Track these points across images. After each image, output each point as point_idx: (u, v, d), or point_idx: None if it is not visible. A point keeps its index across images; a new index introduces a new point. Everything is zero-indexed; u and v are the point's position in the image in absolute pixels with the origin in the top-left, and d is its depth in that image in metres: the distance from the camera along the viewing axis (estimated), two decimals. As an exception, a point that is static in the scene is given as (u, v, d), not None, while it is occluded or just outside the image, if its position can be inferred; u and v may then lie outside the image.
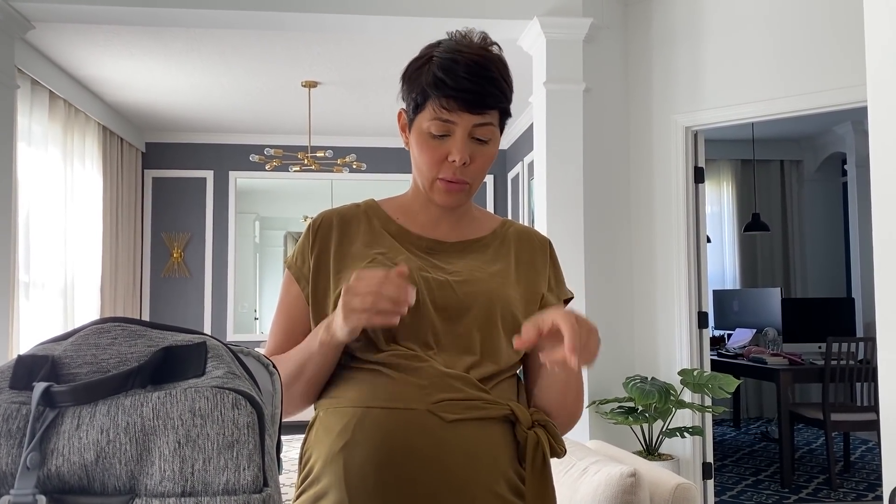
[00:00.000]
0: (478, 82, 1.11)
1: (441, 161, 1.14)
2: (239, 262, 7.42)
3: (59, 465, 0.65)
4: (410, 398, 1.07)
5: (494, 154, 1.18)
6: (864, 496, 4.65)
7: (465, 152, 1.13)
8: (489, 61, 1.14)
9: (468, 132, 1.13)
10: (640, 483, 1.41)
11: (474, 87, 1.11)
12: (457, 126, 1.13)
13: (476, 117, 1.12)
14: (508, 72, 1.18)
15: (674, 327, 3.84)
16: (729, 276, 7.62)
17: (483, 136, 1.14)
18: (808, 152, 7.64)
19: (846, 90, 3.39)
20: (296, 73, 5.25)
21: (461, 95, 1.11)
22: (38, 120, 4.85)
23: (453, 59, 1.12)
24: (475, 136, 1.14)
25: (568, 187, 3.79)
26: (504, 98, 1.15)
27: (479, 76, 1.11)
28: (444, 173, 1.15)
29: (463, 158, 1.13)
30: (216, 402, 0.67)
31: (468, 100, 1.11)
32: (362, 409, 1.08)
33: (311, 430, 1.15)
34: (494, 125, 1.15)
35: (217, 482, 0.65)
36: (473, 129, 1.13)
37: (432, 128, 1.14)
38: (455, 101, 1.11)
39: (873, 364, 4.76)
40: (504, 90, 1.15)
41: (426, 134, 1.15)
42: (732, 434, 6.67)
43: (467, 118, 1.12)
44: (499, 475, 1.07)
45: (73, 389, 0.66)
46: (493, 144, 1.17)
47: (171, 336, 0.74)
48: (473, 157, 1.14)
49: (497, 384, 1.13)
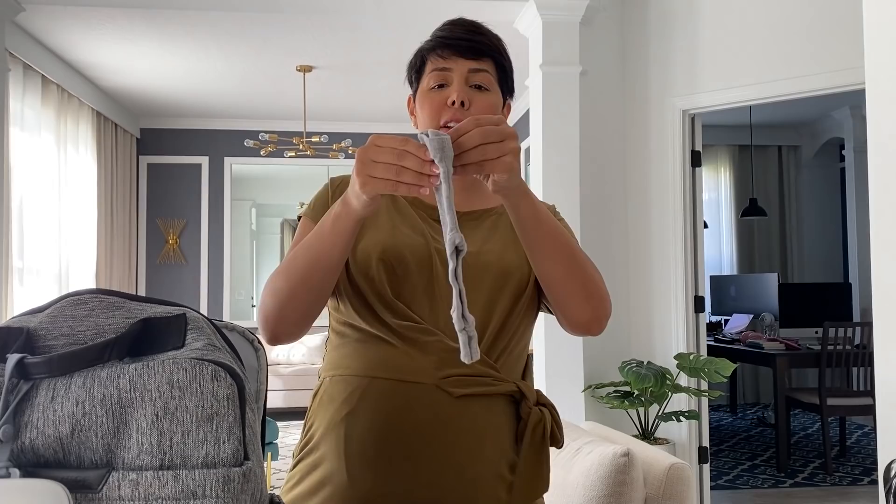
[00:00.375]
0: (471, 34, 1.18)
1: (442, 107, 1.15)
2: (235, 249, 7.40)
3: (33, 438, 0.63)
4: (418, 372, 1.05)
5: (496, 104, 1.18)
6: (859, 480, 4.66)
7: (463, 93, 1.14)
8: (480, 25, 1.21)
9: (465, 78, 1.16)
10: (633, 463, 1.40)
11: (467, 36, 1.17)
12: (453, 73, 1.16)
13: (471, 62, 1.16)
14: (503, 42, 1.22)
15: (670, 312, 3.83)
16: (726, 261, 7.61)
17: (480, 81, 1.16)
18: (806, 138, 7.61)
19: (844, 72, 3.37)
20: (291, 58, 5.21)
21: (455, 42, 1.16)
22: (31, 105, 4.81)
23: (448, 26, 1.20)
24: (473, 84, 1.16)
25: (564, 170, 3.77)
26: (499, 52, 1.19)
27: (470, 30, 1.18)
28: (446, 117, 1.15)
29: (461, 97, 1.14)
30: (195, 373, 0.65)
31: (462, 46, 1.16)
32: (368, 379, 1.07)
33: (316, 398, 1.14)
34: (491, 74, 1.18)
35: (196, 455, 0.64)
36: (470, 76, 1.16)
37: (431, 80, 1.17)
38: (449, 49, 1.16)
39: (870, 349, 4.75)
40: (497, 46, 1.19)
41: (427, 90, 1.18)
42: (729, 419, 6.68)
43: (462, 63, 1.16)
44: (502, 456, 1.07)
45: (47, 361, 0.64)
46: (493, 94, 1.18)
47: (149, 308, 0.72)
48: (473, 101, 1.15)
49: (506, 359, 1.12)
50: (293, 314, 1.04)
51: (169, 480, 0.63)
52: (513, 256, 1.14)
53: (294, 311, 1.04)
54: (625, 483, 1.40)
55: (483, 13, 3.91)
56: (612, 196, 3.95)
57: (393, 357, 1.07)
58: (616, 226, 3.95)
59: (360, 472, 1.03)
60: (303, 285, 1.03)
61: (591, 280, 1.08)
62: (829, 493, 4.42)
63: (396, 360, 1.07)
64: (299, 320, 1.05)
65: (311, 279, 1.03)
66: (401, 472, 1.02)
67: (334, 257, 1.02)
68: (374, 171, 0.91)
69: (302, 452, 1.11)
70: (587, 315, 1.09)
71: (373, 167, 0.91)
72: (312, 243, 1.03)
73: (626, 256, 3.95)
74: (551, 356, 3.64)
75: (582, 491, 1.43)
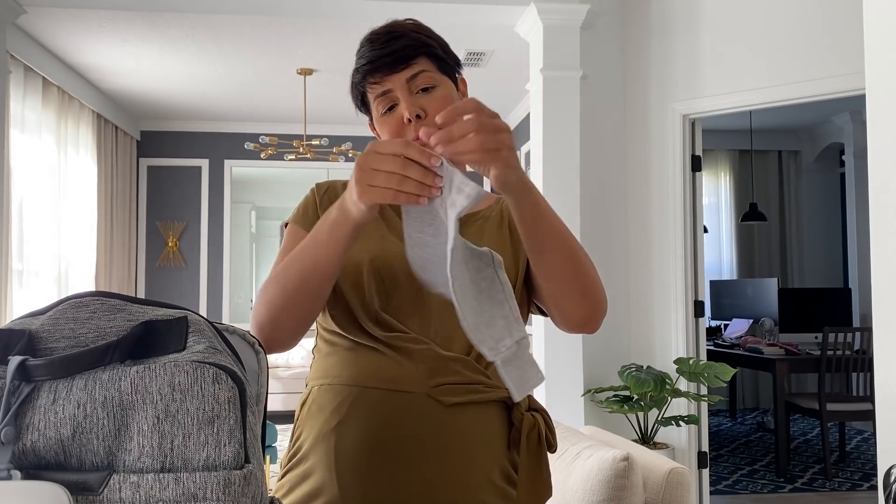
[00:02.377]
0: (386, 45, 1.11)
1: (401, 128, 1.11)
2: (235, 252, 7.40)
3: (34, 441, 0.63)
4: (409, 381, 1.04)
5: (449, 94, 1.13)
6: (859, 486, 4.65)
7: (413, 106, 1.09)
8: (394, 26, 1.14)
9: (406, 89, 1.10)
10: (632, 467, 1.39)
11: (386, 51, 1.10)
12: (394, 90, 1.11)
13: (404, 72, 1.10)
14: (423, 27, 1.16)
15: (670, 316, 3.83)
16: (726, 266, 7.62)
17: (424, 84, 1.11)
18: (807, 143, 7.62)
19: (844, 78, 3.37)
20: (291, 61, 5.22)
21: (378, 63, 1.10)
22: (32, 107, 4.82)
23: (361, 47, 1.14)
24: (417, 89, 1.11)
25: (564, 175, 3.77)
26: (424, 45, 1.12)
27: (387, 41, 1.11)
28: (411, 136, 1.10)
29: (412, 111, 1.09)
30: (196, 376, 0.65)
31: (387, 62, 1.10)
32: (358, 389, 1.06)
33: (304, 407, 1.12)
34: (430, 71, 1.12)
35: (197, 458, 0.64)
36: (409, 84, 1.10)
37: (379, 107, 1.12)
38: (378, 72, 1.10)
39: (869, 354, 4.76)
40: (419, 39, 1.12)
41: (380, 118, 1.14)
42: (728, 424, 6.67)
43: (396, 77, 1.10)
44: (494, 463, 1.06)
45: (49, 363, 0.64)
46: (441, 87, 1.12)
47: (151, 311, 0.72)
48: (426, 106, 1.10)
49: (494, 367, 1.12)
50: (289, 322, 1.02)
51: (170, 483, 0.63)
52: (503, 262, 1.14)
53: (290, 320, 1.02)
54: (624, 487, 1.39)
55: (483, 17, 3.92)
56: (612, 200, 3.95)
57: (383, 366, 1.06)
58: (616, 230, 3.95)
59: (351, 483, 1.02)
60: (298, 293, 1.01)
61: (590, 278, 1.06)
62: (829, 499, 4.42)
63: (387, 369, 1.05)
64: (294, 329, 1.03)
65: (307, 286, 1.00)
66: (392, 483, 1.01)
67: (332, 264, 0.99)
68: (374, 180, 0.88)
69: (291, 462, 1.09)
70: (583, 312, 1.07)
71: (373, 176, 0.88)
72: (308, 250, 1.00)
73: (626, 260, 3.95)
74: (551, 360, 3.64)
75: (581, 495, 1.43)
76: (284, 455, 1.13)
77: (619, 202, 3.96)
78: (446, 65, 1.14)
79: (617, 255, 3.93)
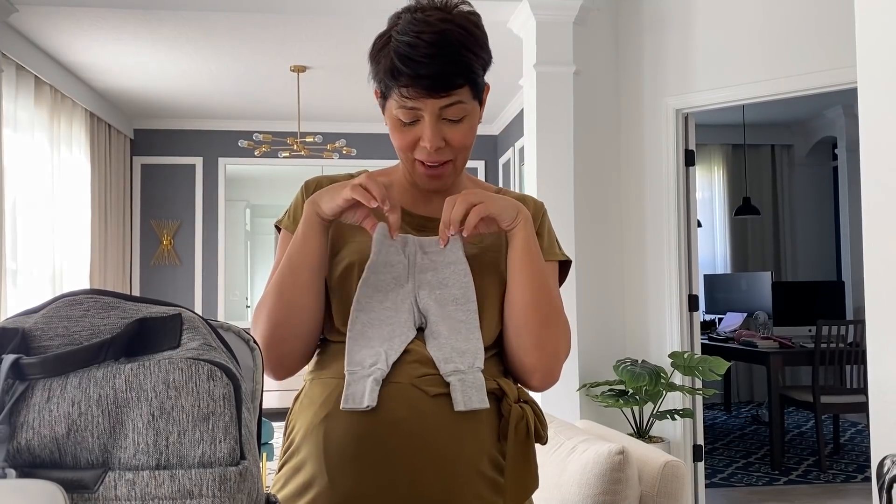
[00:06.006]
0: (437, 64, 1.05)
1: (414, 145, 1.12)
2: (229, 250, 7.39)
3: (29, 439, 0.63)
4: (393, 372, 1.05)
5: (473, 127, 1.13)
6: (853, 477, 4.68)
7: (437, 137, 1.09)
8: (448, 35, 1.06)
9: (436, 116, 1.09)
10: (628, 461, 1.40)
11: (433, 72, 1.05)
12: (423, 111, 1.09)
13: (441, 100, 1.07)
14: (476, 38, 1.10)
15: (664, 310, 3.84)
16: (720, 260, 7.64)
17: (454, 115, 1.10)
18: (799, 137, 7.64)
19: (836, 71, 3.38)
20: (284, 58, 5.21)
21: (420, 82, 1.05)
22: (24, 105, 4.80)
23: (409, 44, 1.05)
24: (445, 118, 1.10)
25: (558, 170, 3.78)
26: (470, 70, 1.08)
27: (438, 56, 1.05)
28: (420, 156, 1.12)
29: (434, 144, 1.09)
30: (191, 373, 0.65)
31: (428, 85, 1.06)
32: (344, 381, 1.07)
33: (297, 401, 1.14)
34: (465, 101, 1.10)
35: (192, 455, 0.64)
36: (442, 112, 1.09)
37: (400, 115, 1.10)
38: (415, 89, 1.06)
39: (863, 347, 4.77)
40: (469, 63, 1.08)
41: (396, 121, 1.12)
42: (723, 418, 6.70)
43: (432, 103, 1.07)
44: (483, 453, 1.06)
45: (42, 361, 0.64)
46: (470, 118, 1.12)
47: (145, 308, 0.72)
48: (449, 138, 1.10)
49: (485, 360, 1.12)
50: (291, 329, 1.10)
51: (165, 480, 0.63)
52: (493, 262, 1.17)
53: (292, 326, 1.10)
54: (620, 481, 1.40)
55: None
56: (605, 195, 3.95)
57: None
58: (610, 225, 3.96)
59: (339, 473, 1.03)
60: (292, 288, 1.09)
61: (553, 332, 1.12)
62: (824, 491, 4.44)
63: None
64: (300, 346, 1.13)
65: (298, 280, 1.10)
66: (380, 471, 1.02)
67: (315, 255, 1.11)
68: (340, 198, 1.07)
69: (285, 455, 1.12)
70: (532, 361, 1.12)
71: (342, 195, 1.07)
72: (292, 248, 1.11)
73: (620, 255, 3.96)
74: (546, 355, 3.64)
75: (577, 489, 1.44)
76: (280, 447, 1.15)
77: (612, 197, 3.97)
78: (481, 84, 1.13)
79: (611, 250, 3.94)
